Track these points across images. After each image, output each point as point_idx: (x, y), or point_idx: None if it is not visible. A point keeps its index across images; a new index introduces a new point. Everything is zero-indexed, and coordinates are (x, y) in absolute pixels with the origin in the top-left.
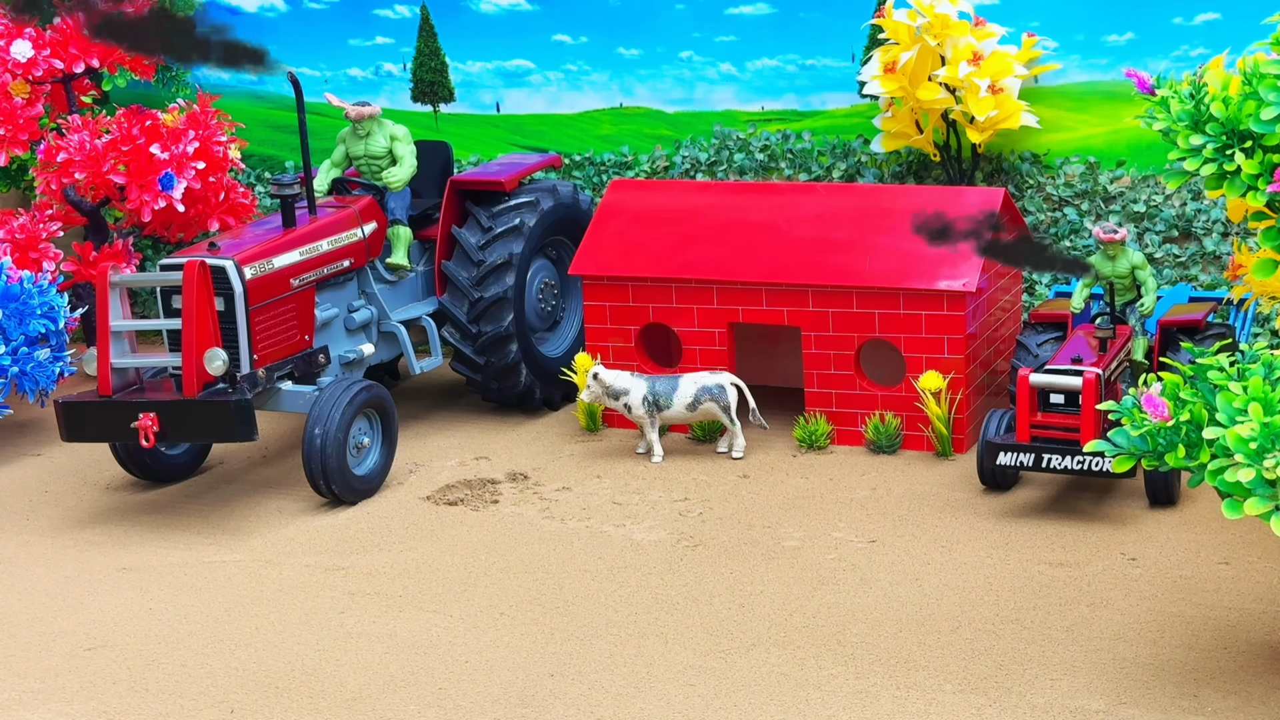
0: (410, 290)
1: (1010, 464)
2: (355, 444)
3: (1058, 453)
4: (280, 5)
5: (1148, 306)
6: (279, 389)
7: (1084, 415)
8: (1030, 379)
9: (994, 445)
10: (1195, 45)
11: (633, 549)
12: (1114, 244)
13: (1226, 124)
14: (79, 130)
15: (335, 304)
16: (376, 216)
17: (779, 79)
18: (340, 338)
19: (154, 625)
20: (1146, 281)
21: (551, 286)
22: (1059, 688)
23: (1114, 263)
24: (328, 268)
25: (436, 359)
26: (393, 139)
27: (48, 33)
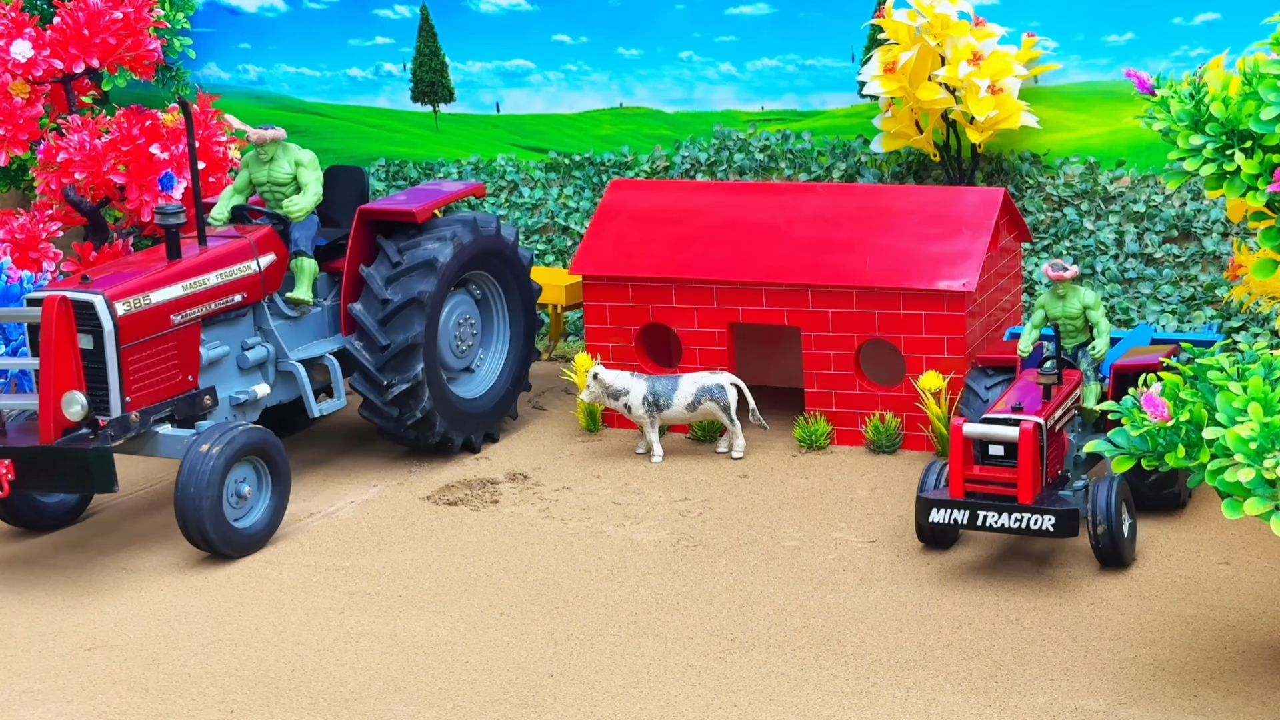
0: (314, 326)
1: (943, 521)
2: (235, 494)
3: (994, 509)
4: (280, 5)
5: (1099, 350)
6: (155, 433)
7: (1021, 469)
8: (964, 429)
9: (926, 501)
10: (1195, 45)
11: (633, 549)
12: (1063, 282)
13: (1226, 124)
14: (79, 130)
15: (226, 341)
16: (275, 248)
17: (779, 79)
18: (231, 377)
19: (154, 625)
20: (1098, 323)
21: (470, 323)
22: (1059, 688)
23: (1064, 302)
24: (216, 303)
25: (339, 400)
26: (298, 165)
27: (48, 33)
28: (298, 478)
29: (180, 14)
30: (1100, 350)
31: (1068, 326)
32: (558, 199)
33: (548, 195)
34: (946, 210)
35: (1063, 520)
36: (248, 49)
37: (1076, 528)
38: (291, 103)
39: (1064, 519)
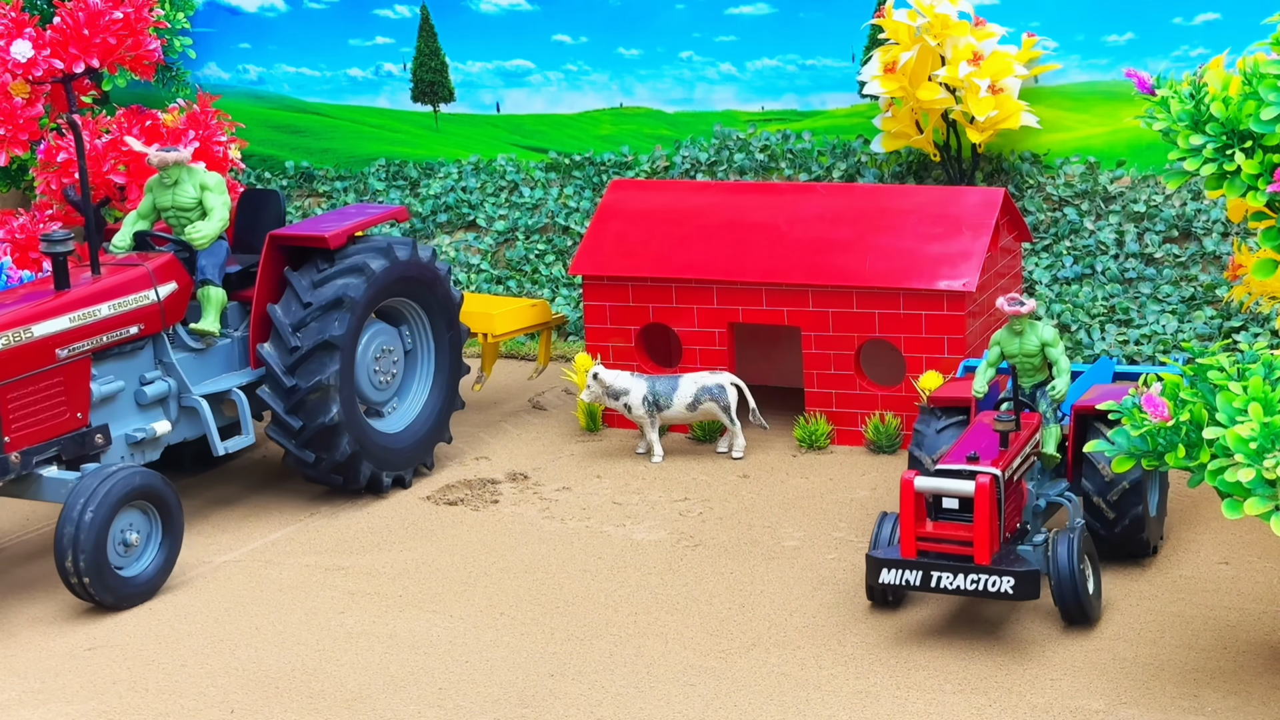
0: (222, 359)
1: (894, 582)
2: (121, 541)
3: (949, 570)
4: (280, 5)
5: (1059, 390)
6: (39, 475)
7: (977, 527)
8: (915, 484)
9: (876, 560)
10: (1195, 45)
11: (633, 549)
12: (1020, 318)
13: (1226, 124)
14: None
15: (121, 376)
16: (177, 276)
17: (779, 79)
18: (128, 414)
19: (154, 625)
20: (1058, 361)
21: (390, 353)
22: (1059, 688)
23: (1020, 339)
24: (108, 335)
25: (248, 437)
26: (203, 188)
27: (48, 33)
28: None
29: (180, 14)
30: (1060, 390)
31: (1025, 365)
32: (558, 199)
33: (548, 195)
34: (946, 210)
35: (1023, 581)
36: (248, 49)
37: (1037, 589)
38: (291, 103)
39: (1024, 580)
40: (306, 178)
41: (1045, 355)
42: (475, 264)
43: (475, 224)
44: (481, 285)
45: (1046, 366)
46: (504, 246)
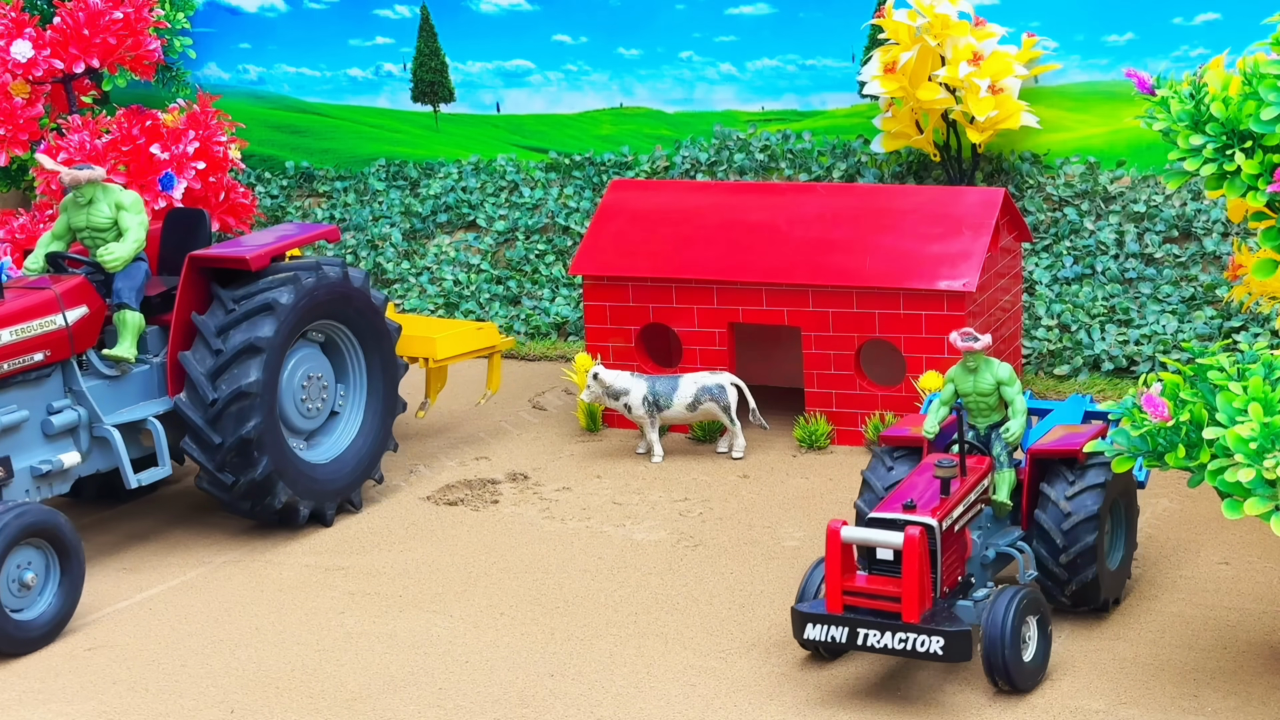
0: (139, 387)
1: (819, 638)
2: (16, 581)
3: (877, 628)
4: (280, 5)
5: (1014, 433)
6: None
7: (905, 583)
8: (842, 534)
9: (801, 615)
10: (1195, 45)
11: (633, 549)
12: (974, 354)
13: (1226, 124)
14: (79, 130)
15: (25, 405)
16: (88, 300)
17: (779, 79)
18: (33, 446)
19: (154, 625)
20: (1013, 401)
21: (319, 380)
22: (1059, 688)
23: (974, 376)
24: (9, 362)
25: (163, 469)
26: (119, 207)
27: (48, 33)
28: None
29: (180, 14)
30: (1014, 433)
31: (979, 404)
32: (558, 199)
33: (548, 195)
34: (946, 210)
35: (953, 642)
36: (248, 49)
37: (969, 650)
38: (291, 103)
39: (954, 641)
40: (306, 178)
41: (1000, 395)
42: (475, 264)
43: (475, 224)
44: (481, 285)
45: (1003, 406)
46: (504, 246)
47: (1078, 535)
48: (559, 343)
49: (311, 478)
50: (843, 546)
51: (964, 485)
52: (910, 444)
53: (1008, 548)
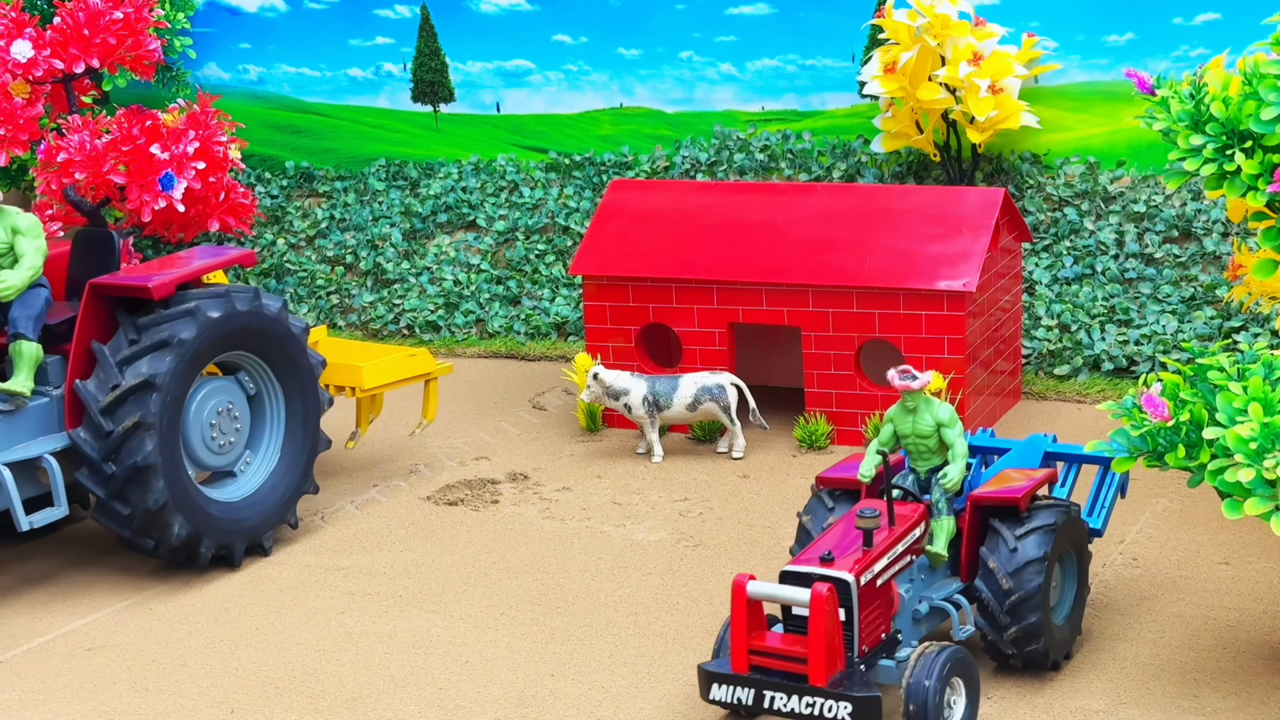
0: (35, 422)
1: (725, 700)
2: None
3: (784, 691)
4: (280, 5)
5: (952, 479)
6: None
7: (812, 644)
8: (748, 589)
9: (707, 673)
10: (1195, 45)
11: (633, 549)
12: (912, 393)
13: (1226, 124)
14: (79, 130)
15: None
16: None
17: (779, 79)
18: None
19: (154, 625)
20: (954, 445)
21: (231, 414)
22: (1059, 688)
23: (914, 417)
24: None
25: (60, 509)
26: (14, 232)
27: (48, 33)
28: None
29: (180, 14)
30: (952, 479)
31: (918, 447)
32: (558, 199)
33: (548, 195)
34: (946, 210)
35: (861, 709)
36: (248, 49)
37: (878, 716)
38: (291, 103)
39: (862, 707)
40: (306, 178)
41: (941, 437)
42: (475, 264)
43: (475, 224)
44: (481, 285)
45: (944, 449)
46: (504, 246)
47: (1024, 579)
48: (559, 343)
49: (217, 515)
50: (749, 602)
51: (891, 535)
52: (849, 486)
53: (942, 602)
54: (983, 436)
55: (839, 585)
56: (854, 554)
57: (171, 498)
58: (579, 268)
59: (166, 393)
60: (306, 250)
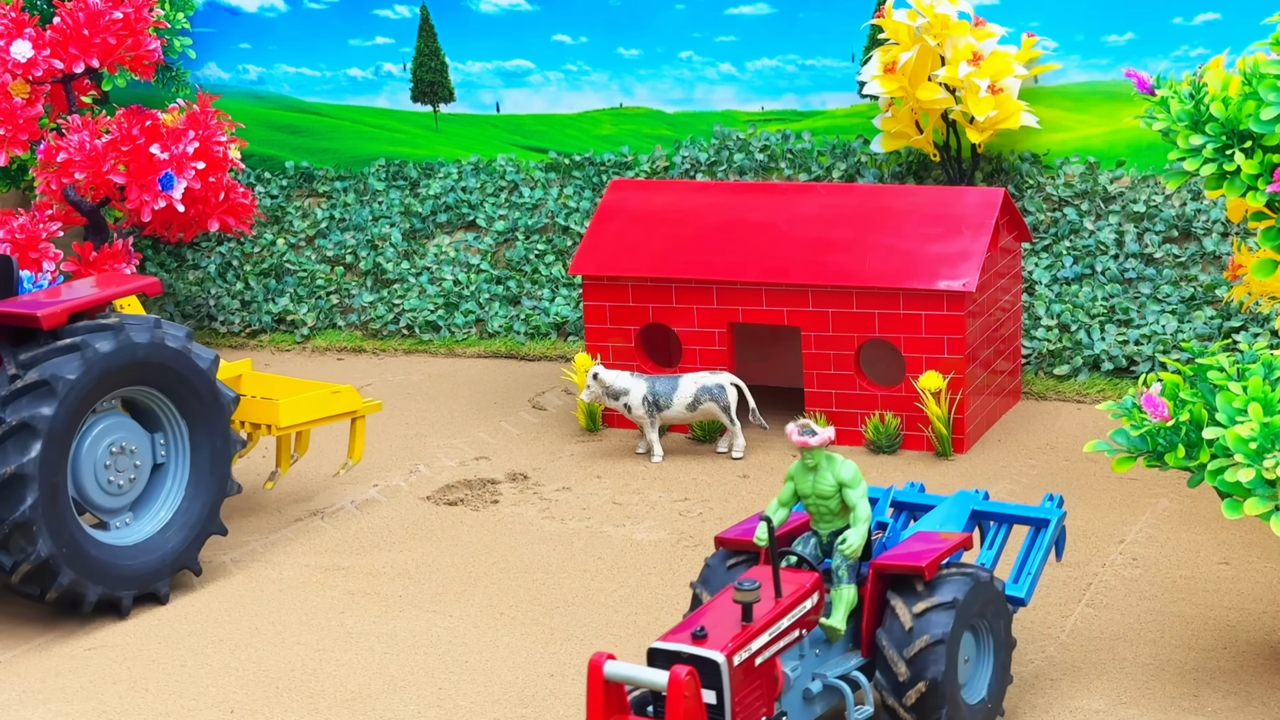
0: None
1: None
2: None
3: None
4: (280, 5)
5: (851, 545)
6: None
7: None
8: (605, 670)
9: None
10: (1195, 45)
11: (633, 549)
12: (810, 450)
13: (1226, 124)
14: (79, 130)
15: None
16: None
17: (779, 79)
18: None
19: (154, 625)
20: (855, 506)
21: (129, 452)
22: (1059, 688)
23: (814, 475)
24: None
25: None
26: None
27: (48, 33)
28: None
29: (180, 14)
30: (852, 545)
31: (820, 508)
32: (558, 199)
33: (548, 195)
34: (946, 210)
35: None
36: (248, 49)
37: None
38: (291, 103)
39: None
40: (306, 178)
41: (843, 498)
42: (475, 264)
43: (475, 224)
44: (481, 285)
45: (849, 510)
46: (504, 246)
47: (923, 664)
48: (559, 343)
49: (107, 563)
50: (605, 684)
51: (776, 608)
52: (748, 549)
53: (837, 680)
54: (910, 491)
55: (707, 666)
56: (730, 630)
57: (56, 549)
58: (579, 268)
59: (49, 437)
60: (306, 250)
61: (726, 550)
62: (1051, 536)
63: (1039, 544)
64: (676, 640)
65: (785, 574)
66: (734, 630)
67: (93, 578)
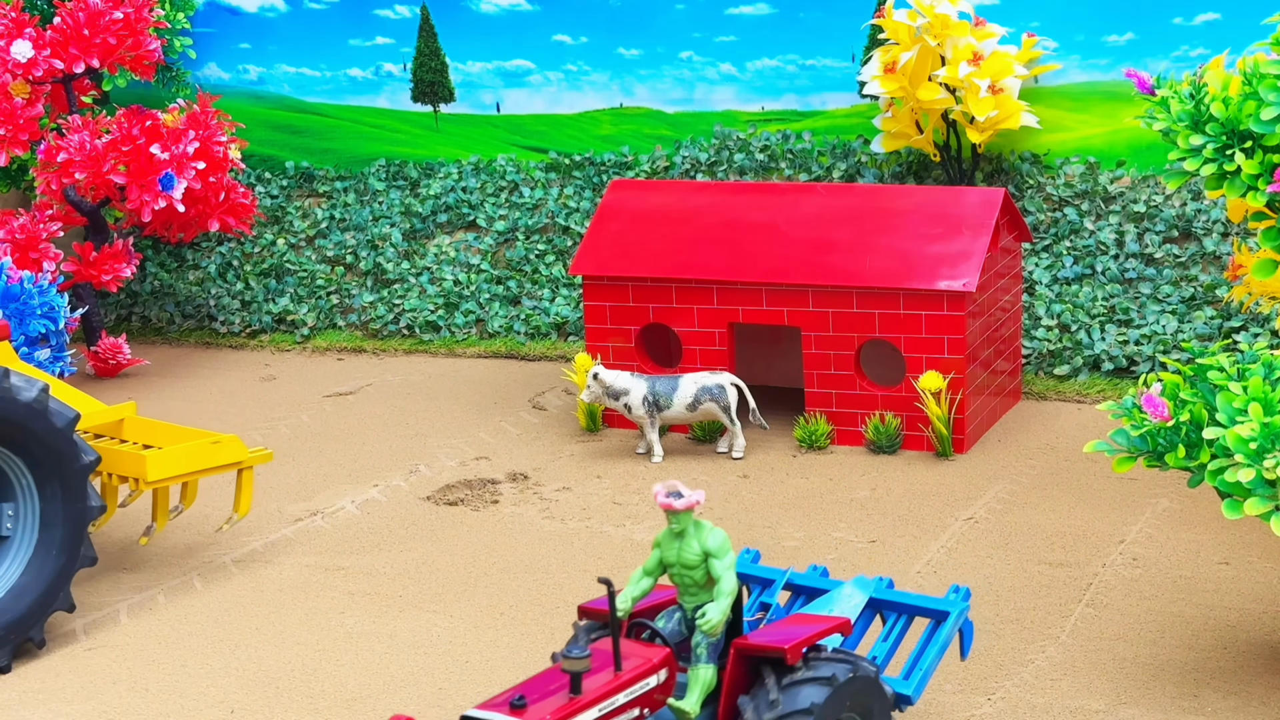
0: None
1: None
2: None
3: None
4: (280, 5)
5: (710, 620)
6: None
7: None
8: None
9: None
10: (1195, 45)
11: (633, 549)
12: (675, 513)
13: (1226, 124)
14: (79, 130)
15: None
16: None
17: (779, 79)
18: None
19: (154, 625)
20: (720, 578)
21: None
22: (1059, 688)
23: (680, 543)
24: None
25: None
26: None
27: (48, 33)
28: None
29: (180, 14)
30: (711, 621)
31: (684, 579)
32: (558, 199)
33: (548, 195)
34: (946, 210)
35: None
36: (248, 49)
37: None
38: (291, 103)
39: None
40: (306, 178)
41: (708, 568)
42: (475, 264)
43: (475, 224)
44: (481, 285)
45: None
46: (504, 246)
47: None
48: (559, 343)
49: None
50: None
51: (612, 682)
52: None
53: None
54: (810, 574)
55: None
56: (555, 701)
57: None
58: (579, 268)
59: None
60: (306, 250)
61: (591, 620)
62: (950, 631)
63: (935, 639)
64: (491, 709)
65: (632, 647)
66: (559, 702)
67: None
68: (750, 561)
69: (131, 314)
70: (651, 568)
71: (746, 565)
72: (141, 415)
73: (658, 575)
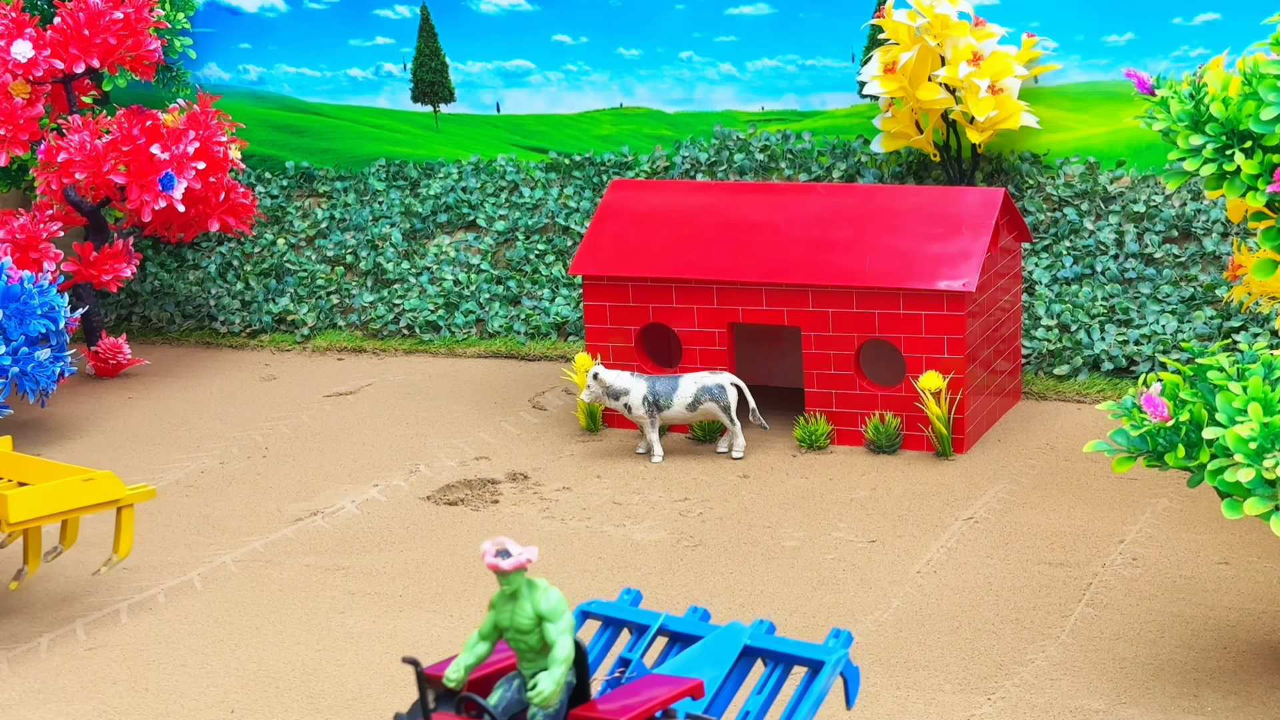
0: None
1: None
2: None
3: None
4: (280, 5)
5: (543, 692)
6: None
7: None
8: None
9: None
10: (1195, 45)
11: (633, 549)
12: (503, 574)
13: (1226, 124)
14: (79, 130)
15: None
16: None
17: (779, 79)
18: None
19: (154, 625)
20: (555, 644)
21: None
22: (1059, 688)
23: (513, 605)
24: None
25: None
26: None
27: (48, 33)
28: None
29: (180, 14)
30: (544, 692)
31: (520, 643)
32: (558, 199)
33: (548, 195)
34: (946, 210)
35: None
36: (248, 49)
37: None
38: (291, 103)
39: None
40: (306, 178)
41: (542, 633)
42: (475, 264)
43: (475, 224)
44: (481, 285)
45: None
46: (504, 246)
47: None
48: (559, 343)
49: None
50: None
51: None
52: (440, 687)
53: None
54: (689, 619)
55: None
56: None
57: None
58: (579, 268)
59: None
60: (306, 250)
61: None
62: (826, 682)
63: (810, 692)
64: None
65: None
66: None
67: None
68: (629, 604)
69: (132, 314)
70: (487, 631)
71: (624, 609)
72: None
73: (494, 639)
